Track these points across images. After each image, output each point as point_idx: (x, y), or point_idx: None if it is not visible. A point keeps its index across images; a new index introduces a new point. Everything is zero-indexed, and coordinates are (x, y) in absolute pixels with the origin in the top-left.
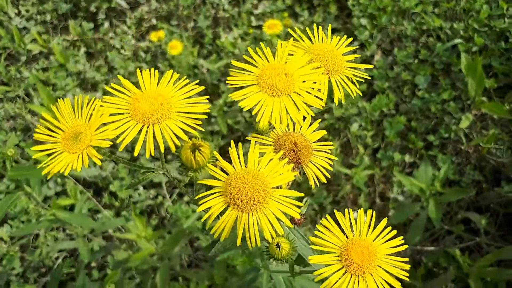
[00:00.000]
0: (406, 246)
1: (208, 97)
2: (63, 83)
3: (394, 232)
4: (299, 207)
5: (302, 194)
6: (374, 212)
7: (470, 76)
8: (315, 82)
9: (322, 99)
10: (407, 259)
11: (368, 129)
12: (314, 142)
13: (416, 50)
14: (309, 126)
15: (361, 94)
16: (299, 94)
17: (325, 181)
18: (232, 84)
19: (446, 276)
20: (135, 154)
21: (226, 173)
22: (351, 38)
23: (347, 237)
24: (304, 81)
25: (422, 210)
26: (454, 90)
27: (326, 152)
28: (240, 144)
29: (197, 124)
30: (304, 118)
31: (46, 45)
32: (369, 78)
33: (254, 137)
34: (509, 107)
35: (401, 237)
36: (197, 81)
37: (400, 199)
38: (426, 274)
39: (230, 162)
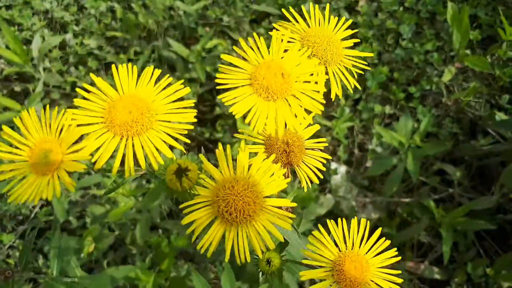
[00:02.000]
0: (399, 258)
1: (194, 101)
2: (29, 23)
3: (388, 243)
4: (292, 213)
5: (295, 204)
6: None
7: (456, 27)
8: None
9: (322, 103)
10: (400, 272)
11: None
12: (306, 139)
13: None
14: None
15: (359, 88)
16: (296, 97)
17: (318, 182)
18: (222, 84)
19: (419, 225)
20: (113, 174)
21: (214, 179)
22: (351, 20)
23: (339, 250)
24: (304, 81)
25: (400, 162)
26: (438, 41)
27: (319, 149)
28: (228, 146)
29: (183, 134)
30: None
31: None
32: (368, 68)
33: (242, 135)
34: (491, 60)
35: (395, 249)
36: (182, 80)
37: (378, 151)
38: (400, 224)
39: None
